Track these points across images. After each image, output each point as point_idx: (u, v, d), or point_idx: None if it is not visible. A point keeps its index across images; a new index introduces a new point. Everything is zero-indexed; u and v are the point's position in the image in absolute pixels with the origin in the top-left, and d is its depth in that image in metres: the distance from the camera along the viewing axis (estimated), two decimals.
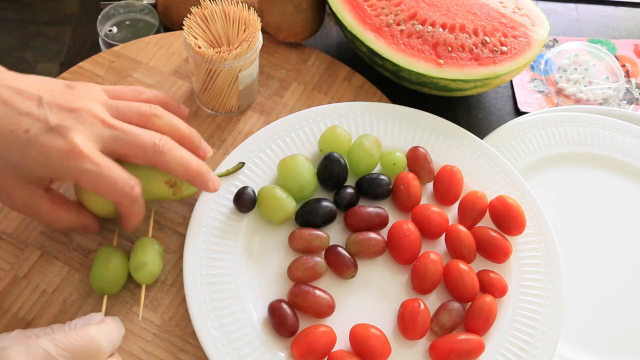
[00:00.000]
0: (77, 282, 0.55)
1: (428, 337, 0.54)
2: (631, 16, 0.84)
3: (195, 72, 0.62)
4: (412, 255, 0.56)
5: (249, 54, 0.60)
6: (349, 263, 0.55)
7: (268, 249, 0.58)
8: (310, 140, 0.63)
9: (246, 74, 0.62)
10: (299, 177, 0.58)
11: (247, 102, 0.66)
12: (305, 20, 0.69)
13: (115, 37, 0.73)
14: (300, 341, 0.51)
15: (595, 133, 0.68)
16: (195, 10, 0.60)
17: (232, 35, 0.61)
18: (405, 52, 0.65)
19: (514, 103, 0.74)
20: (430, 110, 0.66)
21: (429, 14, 0.67)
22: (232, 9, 0.61)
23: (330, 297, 0.53)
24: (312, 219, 0.57)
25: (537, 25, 0.67)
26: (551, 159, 0.67)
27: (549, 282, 0.56)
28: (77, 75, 0.67)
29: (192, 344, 0.53)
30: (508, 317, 0.54)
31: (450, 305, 0.54)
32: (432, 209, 0.58)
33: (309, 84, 0.70)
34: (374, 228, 0.57)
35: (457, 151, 0.63)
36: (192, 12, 0.60)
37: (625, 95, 0.75)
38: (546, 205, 0.61)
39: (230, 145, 0.64)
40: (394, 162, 0.60)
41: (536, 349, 0.52)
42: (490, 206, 0.59)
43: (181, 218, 0.59)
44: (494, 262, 0.57)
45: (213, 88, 0.63)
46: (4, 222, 0.58)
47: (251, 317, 0.53)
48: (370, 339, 0.51)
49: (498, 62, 0.64)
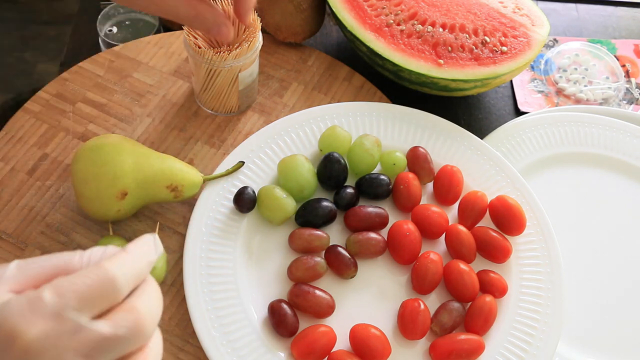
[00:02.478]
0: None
1: (428, 337, 0.54)
2: (631, 16, 0.84)
3: (195, 72, 0.62)
4: (412, 255, 0.56)
5: (249, 54, 0.60)
6: (349, 263, 0.55)
7: (268, 249, 0.58)
8: (310, 140, 0.63)
9: (246, 74, 0.62)
10: (299, 177, 0.58)
11: (247, 102, 0.66)
12: (305, 20, 0.69)
13: (115, 37, 0.73)
14: (300, 341, 0.51)
15: (595, 133, 0.68)
16: None
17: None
18: (405, 52, 0.65)
19: (514, 103, 0.74)
20: (430, 110, 0.66)
21: (429, 14, 0.67)
22: (231, 8, 0.61)
23: (330, 297, 0.53)
24: (312, 219, 0.57)
25: (537, 25, 0.67)
26: (551, 159, 0.67)
27: (549, 282, 0.56)
28: (77, 75, 0.67)
29: (192, 344, 0.53)
30: (508, 317, 0.54)
31: (450, 305, 0.54)
32: (432, 209, 0.58)
33: (309, 84, 0.70)
34: (374, 228, 0.57)
35: (457, 151, 0.63)
36: None
37: (625, 95, 0.75)
38: (546, 205, 0.61)
39: (230, 145, 0.64)
40: (394, 162, 0.60)
41: (536, 349, 0.52)
42: (490, 206, 0.59)
43: (181, 218, 0.59)
44: (494, 262, 0.57)
45: (213, 88, 0.63)
46: (4, 222, 0.58)
47: (251, 317, 0.53)
48: (370, 339, 0.51)
49: (498, 62, 0.64)
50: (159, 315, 0.34)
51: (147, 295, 0.34)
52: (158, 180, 0.55)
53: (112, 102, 0.66)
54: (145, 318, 0.33)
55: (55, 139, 0.63)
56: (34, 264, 0.33)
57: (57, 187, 0.60)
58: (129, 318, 0.32)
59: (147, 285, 0.34)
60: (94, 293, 0.32)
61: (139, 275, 0.34)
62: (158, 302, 0.34)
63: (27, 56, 1.70)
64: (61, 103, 0.65)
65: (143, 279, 0.35)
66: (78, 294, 0.31)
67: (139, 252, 0.35)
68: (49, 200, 0.59)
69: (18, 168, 0.61)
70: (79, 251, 0.35)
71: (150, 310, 0.33)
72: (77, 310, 0.31)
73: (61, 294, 0.31)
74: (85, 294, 0.31)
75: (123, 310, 0.32)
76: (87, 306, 0.31)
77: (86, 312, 0.31)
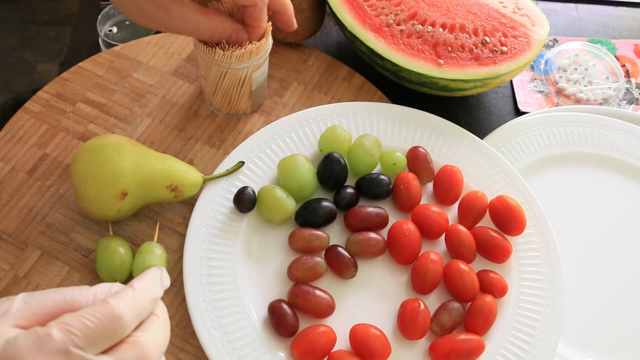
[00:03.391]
0: (77, 282, 0.55)
1: (428, 337, 0.54)
2: (631, 16, 0.84)
3: (206, 75, 0.62)
4: (412, 255, 0.56)
5: (262, 53, 0.60)
6: (349, 263, 0.55)
7: (268, 249, 0.58)
8: (310, 140, 0.63)
9: (258, 73, 0.62)
10: (299, 177, 0.58)
11: (259, 101, 0.66)
12: (305, 20, 0.69)
13: (115, 37, 0.73)
14: (300, 341, 0.51)
15: (595, 133, 0.68)
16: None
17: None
18: (405, 52, 0.65)
19: (514, 103, 0.74)
20: (430, 110, 0.66)
21: (429, 14, 0.67)
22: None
23: (330, 297, 0.53)
24: (312, 219, 0.57)
25: (537, 25, 0.67)
26: (551, 159, 0.67)
27: (549, 282, 0.56)
28: (77, 75, 0.67)
29: (192, 344, 0.53)
30: (508, 317, 0.54)
31: (450, 305, 0.54)
32: (432, 209, 0.58)
33: (309, 84, 0.70)
34: (374, 228, 0.57)
35: (457, 151, 0.63)
36: None
37: (625, 95, 0.75)
38: (546, 205, 0.61)
39: (230, 145, 0.64)
40: (394, 162, 0.60)
41: (536, 349, 0.52)
42: (490, 206, 0.59)
43: (181, 218, 0.59)
44: (494, 262, 0.57)
45: (225, 90, 0.62)
46: (4, 222, 0.58)
47: (251, 317, 0.53)
48: (370, 339, 0.51)
49: (498, 62, 0.64)
50: (165, 346, 0.35)
51: (152, 328, 0.35)
52: (158, 180, 0.55)
53: (112, 102, 0.66)
54: (150, 351, 0.34)
55: (55, 139, 0.63)
56: (41, 299, 0.34)
57: (57, 187, 0.60)
58: (134, 352, 0.33)
59: (153, 318, 0.36)
60: (100, 331, 0.33)
61: (145, 312, 0.35)
62: (164, 333, 0.36)
63: (27, 56, 1.70)
64: (61, 103, 0.65)
65: (148, 314, 0.36)
66: (85, 331, 0.32)
67: (145, 289, 0.36)
68: (49, 200, 0.59)
69: (18, 168, 0.61)
70: (85, 287, 0.36)
71: (156, 342, 0.35)
72: (84, 347, 0.32)
73: (68, 331, 0.32)
74: (92, 332, 0.32)
75: (128, 344, 0.34)
76: (94, 343, 0.32)
77: (93, 348, 0.32)
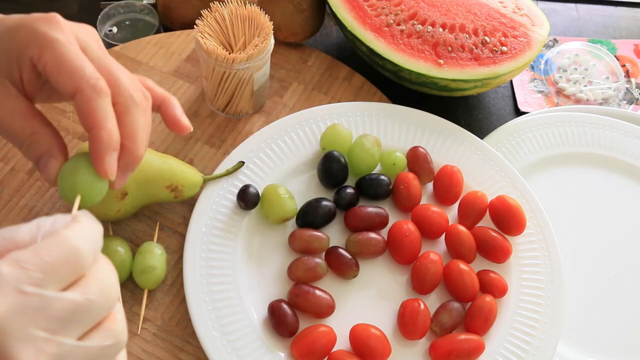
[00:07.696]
0: None
1: (428, 337, 0.54)
2: (631, 16, 0.84)
3: (208, 76, 0.62)
4: (412, 256, 0.56)
5: (264, 53, 0.60)
6: (350, 263, 0.55)
7: (268, 249, 0.58)
8: (310, 140, 0.63)
9: (260, 73, 0.62)
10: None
11: (261, 101, 0.66)
12: (305, 20, 0.69)
13: (115, 37, 0.73)
14: (300, 341, 0.51)
15: (595, 133, 0.68)
16: (206, 13, 0.60)
17: (248, 36, 0.61)
18: (405, 52, 0.65)
19: (514, 103, 0.74)
20: (430, 110, 0.66)
21: (429, 14, 0.67)
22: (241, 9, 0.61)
23: (330, 297, 0.53)
24: (312, 219, 0.57)
25: (537, 25, 0.67)
26: (551, 159, 0.67)
27: (549, 282, 0.56)
28: None
29: (192, 344, 0.53)
30: (508, 317, 0.54)
31: (450, 305, 0.54)
32: (432, 209, 0.58)
33: (309, 84, 0.70)
34: (374, 228, 0.57)
35: (457, 151, 0.63)
36: (203, 14, 0.60)
37: (625, 95, 0.75)
38: (546, 205, 0.61)
39: (230, 145, 0.64)
40: (394, 162, 0.60)
41: (536, 349, 0.52)
42: (490, 206, 0.59)
43: (181, 218, 0.59)
44: (494, 262, 0.57)
45: (227, 91, 0.62)
46: (4, 222, 0.58)
47: (251, 317, 0.53)
48: (370, 339, 0.51)
49: (498, 62, 0.64)
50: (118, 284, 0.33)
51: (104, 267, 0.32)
52: (158, 180, 0.55)
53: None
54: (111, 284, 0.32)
55: None
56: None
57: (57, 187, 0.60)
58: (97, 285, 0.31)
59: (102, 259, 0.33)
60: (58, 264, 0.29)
61: (98, 248, 0.32)
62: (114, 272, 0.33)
63: None
64: (61, 103, 0.65)
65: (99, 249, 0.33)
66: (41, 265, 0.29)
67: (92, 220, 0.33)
68: (49, 200, 0.59)
69: (18, 168, 0.61)
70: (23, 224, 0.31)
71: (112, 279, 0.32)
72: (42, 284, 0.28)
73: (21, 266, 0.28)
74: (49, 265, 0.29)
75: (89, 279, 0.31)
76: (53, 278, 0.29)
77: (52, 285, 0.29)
